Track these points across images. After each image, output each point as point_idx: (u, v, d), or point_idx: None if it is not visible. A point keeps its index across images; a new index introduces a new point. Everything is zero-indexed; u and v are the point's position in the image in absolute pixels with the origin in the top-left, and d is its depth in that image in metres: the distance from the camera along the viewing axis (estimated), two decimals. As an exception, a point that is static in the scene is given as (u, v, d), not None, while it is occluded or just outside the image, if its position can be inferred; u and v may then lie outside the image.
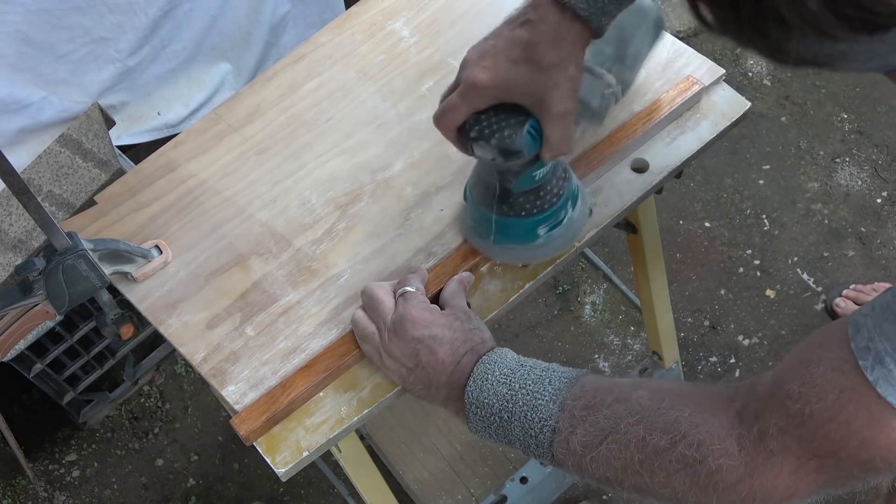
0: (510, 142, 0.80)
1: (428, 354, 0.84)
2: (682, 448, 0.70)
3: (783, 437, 0.66)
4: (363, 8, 1.19)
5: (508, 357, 0.83)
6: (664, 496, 0.73)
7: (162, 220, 1.04)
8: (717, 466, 0.69)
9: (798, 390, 0.66)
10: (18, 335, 1.67)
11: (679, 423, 0.71)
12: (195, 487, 1.96)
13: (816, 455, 0.66)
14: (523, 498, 1.52)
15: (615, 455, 0.73)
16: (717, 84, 1.07)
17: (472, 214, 0.93)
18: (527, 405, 0.78)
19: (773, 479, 0.67)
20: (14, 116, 1.63)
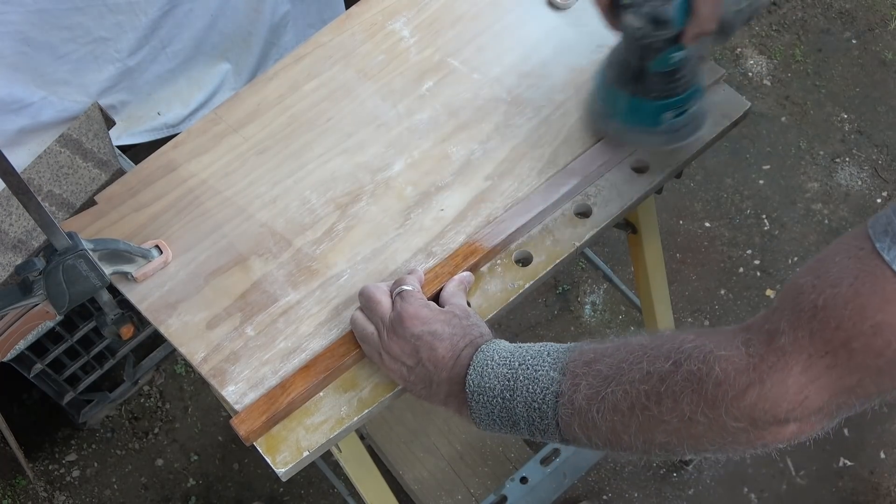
0: (662, 10, 0.83)
1: (428, 351, 0.83)
2: (687, 366, 0.67)
3: (794, 333, 0.63)
4: (363, 8, 1.19)
5: (504, 344, 0.83)
6: (673, 427, 0.69)
7: (162, 220, 1.04)
8: (724, 375, 0.65)
9: (812, 283, 0.62)
10: (18, 335, 1.67)
11: (682, 345, 0.69)
12: (195, 487, 1.96)
13: (829, 349, 0.62)
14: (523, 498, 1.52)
15: (621, 397, 0.71)
16: (717, 84, 1.07)
17: (603, 94, 0.97)
18: (528, 378, 0.77)
19: (783, 381, 0.63)
20: (14, 116, 1.63)
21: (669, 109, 0.93)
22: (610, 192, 1.01)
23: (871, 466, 1.88)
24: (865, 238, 0.61)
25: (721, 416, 0.66)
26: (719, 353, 0.66)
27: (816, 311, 0.62)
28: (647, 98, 0.93)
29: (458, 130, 1.07)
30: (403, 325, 0.85)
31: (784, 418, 0.65)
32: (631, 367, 0.71)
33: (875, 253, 0.60)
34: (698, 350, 0.67)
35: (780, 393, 0.64)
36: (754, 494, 1.87)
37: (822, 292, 0.62)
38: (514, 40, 1.13)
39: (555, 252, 0.98)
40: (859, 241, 0.61)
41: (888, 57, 2.46)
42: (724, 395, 0.65)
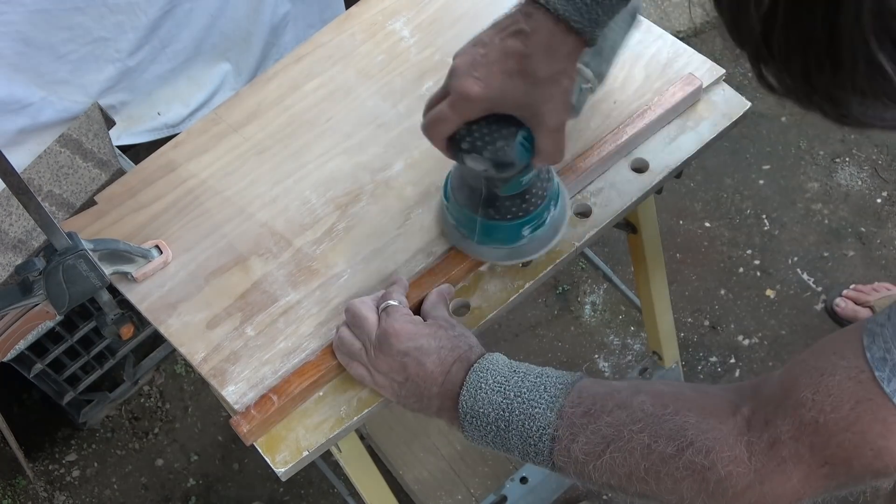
0: (503, 154, 0.79)
1: (416, 367, 0.83)
2: (689, 455, 0.70)
3: (795, 445, 0.66)
4: (363, 8, 1.19)
5: (500, 363, 0.82)
6: (671, 503, 0.72)
7: (162, 220, 1.04)
8: (726, 473, 0.68)
9: (812, 398, 0.65)
10: (18, 335, 1.67)
11: (685, 429, 0.71)
12: (195, 487, 1.96)
13: (828, 462, 0.65)
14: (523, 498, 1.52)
15: (619, 463, 0.73)
16: (718, 84, 1.07)
17: (455, 215, 0.93)
18: (523, 414, 0.77)
19: (782, 485, 0.67)
20: (14, 116, 1.63)
21: (527, 225, 0.90)
22: (610, 192, 1.01)
23: (871, 466, 1.88)
24: (864, 360, 0.63)
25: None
26: (723, 453, 0.69)
27: (817, 428, 0.65)
28: (503, 220, 0.89)
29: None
30: (389, 342, 0.84)
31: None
32: (632, 435, 0.73)
33: (875, 382, 0.62)
34: (700, 440, 0.70)
35: (779, 495, 0.68)
36: (754, 494, 1.87)
37: (822, 411, 0.64)
38: (514, 40, 1.13)
39: (555, 252, 0.98)
40: (858, 362, 0.63)
41: (888, 57, 2.46)
42: (725, 491, 0.69)
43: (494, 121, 0.79)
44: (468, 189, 0.89)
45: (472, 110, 0.79)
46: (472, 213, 0.90)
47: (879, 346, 0.63)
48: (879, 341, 0.63)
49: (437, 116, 0.80)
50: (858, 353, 0.64)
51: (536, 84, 0.77)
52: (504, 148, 0.79)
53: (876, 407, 0.62)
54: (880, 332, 0.63)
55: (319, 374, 0.90)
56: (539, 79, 0.76)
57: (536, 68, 0.76)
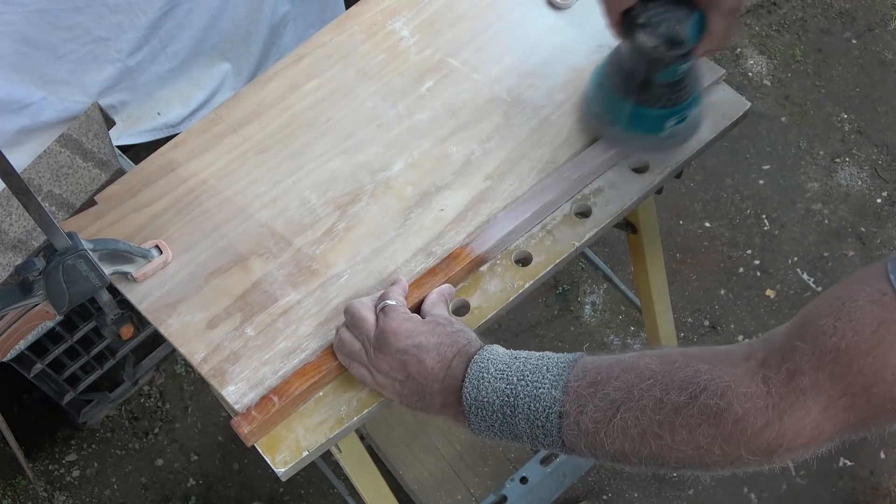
0: (678, 31, 0.83)
1: (416, 364, 0.83)
2: (703, 399, 0.67)
3: (815, 374, 0.63)
4: (363, 8, 1.19)
5: (500, 352, 0.81)
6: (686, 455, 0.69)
7: (162, 220, 1.04)
8: (743, 412, 0.66)
9: (833, 324, 0.63)
10: (18, 335, 1.67)
11: (697, 376, 0.69)
12: (195, 487, 1.96)
13: (849, 391, 0.63)
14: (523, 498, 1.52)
15: (631, 423, 0.70)
16: (717, 84, 1.07)
17: (604, 101, 0.96)
18: (529, 396, 0.76)
19: (801, 420, 0.65)
20: (14, 116, 1.63)
21: (672, 117, 0.93)
22: (610, 192, 1.01)
23: (871, 466, 1.88)
24: (887, 282, 0.61)
25: (738, 450, 0.67)
26: (738, 391, 0.66)
27: (839, 355, 0.63)
28: (653, 107, 0.93)
29: (458, 130, 1.07)
30: (388, 340, 0.84)
31: (800, 448, 0.66)
32: (642, 393, 0.71)
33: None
34: (714, 383, 0.68)
35: (798, 430, 0.65)
36: (754, 494, 1.87)
37: (843, 336, 0.62)
38: (514, 40, 1.13)
39: (555, 252, 0.98)
40: (881, 285, 0.62)
41: (888, 57, 2.46)
42: (743, 431, 0.66)
43: (672, 1, 0.83)
44: (624, 74, 0.92)
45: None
46: (624, 99, 0.93)
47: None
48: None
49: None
50: (882, 277, 0.61)
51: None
52: (679, 25, 0.83)
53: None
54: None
55: (320, 374, 0.90)
56: None
57: None
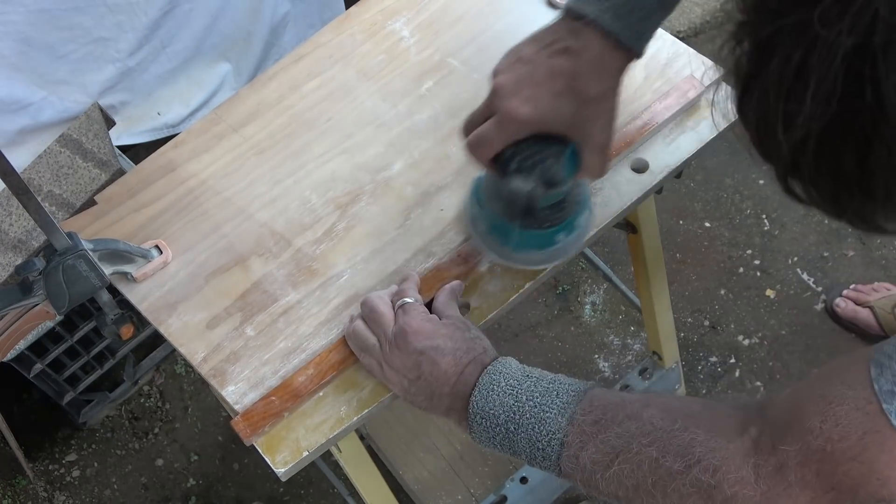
0: (552, 173, 0.79)
1: (430, 365, 0.83)
2: (696, 472, 0.70)
3: (802, 470, 0.66)
4: (363, 8, 1.19)
5: (513, 367, 0.82)
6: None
7: (162, 220, 1.04)
8: (732, 494, 0.68)
9: (819, 426, 0.65)
10: (18, 335, 1.67)
11: (693, 446, 0.71)
12: (195, 487, 1.96)
13: (835, 489, 0.66)
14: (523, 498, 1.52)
15: (627, 474, 0.73)
16: (717, 84, 1.07)
17: (489, 222, 0.92)
18: (534, 417, 0.77)
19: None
20: (14, 116, 1.63)
21: (562, 232, 0.90)
22: (610, 192, 1.01)
23: (871, 466, 1.88)
24: (871, 390, 0.63)
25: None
26: (730, 472, 0.69)
27: (825, 456, 0.65)
28: (540, 228, 0.89)
29: (459, 130, 1.06)
30: (407, 339, 0.84)
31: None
32: (641, 448, 0.73)
33: (882, 414, 0.62)
34: (708, 458, 0.70)
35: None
36: (754, 494, 1.87)
37: (830, 440, 0.65)
38: (514, 40, 1.13)
39: (555, 252, 0.98)
40: (866, 392, 0.63)
41: (888, 57, 2.46)
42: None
43: (541, 139, 0.79)
44: (504, 202, 0.88)
45: (520, 131, 0.78)
46: (509, 223, 0.89)
47: (887, 379, 0.63)
48: (888, 374, 0.63)
49: (483, 137, 0.80)
50: (866, 383, 0.64)
51: (586, 103, 0.76)
52: (553, 167, 0.79)
53: (883, 439, 0.63)
54: (888, 363, 0.63)
55: (320, 374, 0.90)
56: (589, 97, 0.76)
57: (587, 87, 0.75)
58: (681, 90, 1.04)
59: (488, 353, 0.84)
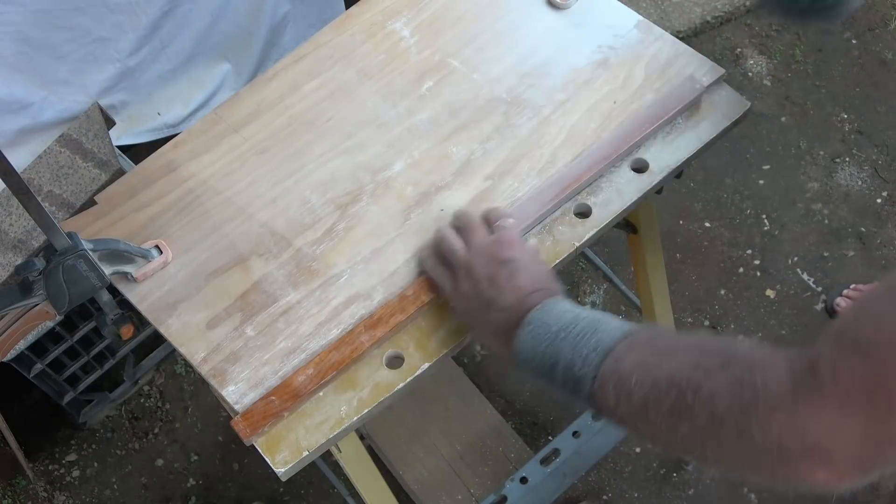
0: None
1: (509, 276, 0.86)
2: (733, 368, 0.68)
3: (835, 365, 0.62)
4: (363, 8, 1.19)
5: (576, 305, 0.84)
6: (701, 422, 0.69)
7: (162, 220, 1.04)
8: (762, 384, 0.65)
9: (855, 318, 0.63)
10: (18, 335, 1.67)
11: (736, 348, 0.70)
12: (195, 487, 1.96)
13: (867, 387, 0.61)
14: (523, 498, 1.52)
15: (663, 376, 0.71)
16: (717, 84, 1.07)
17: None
18: (589, 328, 0.78)
19: (816, 409, 0.63)
20: (14, 116, 1.63)
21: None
22: (610, 192, 1.01)
23: (871, 466, 1.88)
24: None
25: (749, 427, 0.65)
26: (763, 364, 0.66)
27: (858, 347, 0.62)
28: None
29: (458, 130, 1.07)
30: (501, 246, 0.88)
31: (812, 451, 0.63)
32: (685, 353, 0.72)
33: None
34: (747, 358, 0.68)
35: (811, 420, 0.63)
36: (754, 494, 1.87)
37: (864, 328, 0.62)
38: (514, 40, 1.13)
39: (555, 252, 0.98)
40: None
41: (888, 57, 2.46)
42: (758, 405, 0.65)
43: None
44: None
45: None
46: None
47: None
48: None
49: None
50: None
51: None
52: None
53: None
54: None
55: (321, 374, 0.90)
56: None
57: None
58: (681, 90, 1.04)
59: (558, 288, 0.87)
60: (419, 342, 0.93)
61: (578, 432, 1.55)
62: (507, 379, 2.03)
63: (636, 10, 1.14)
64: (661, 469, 1.91)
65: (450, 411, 1.78)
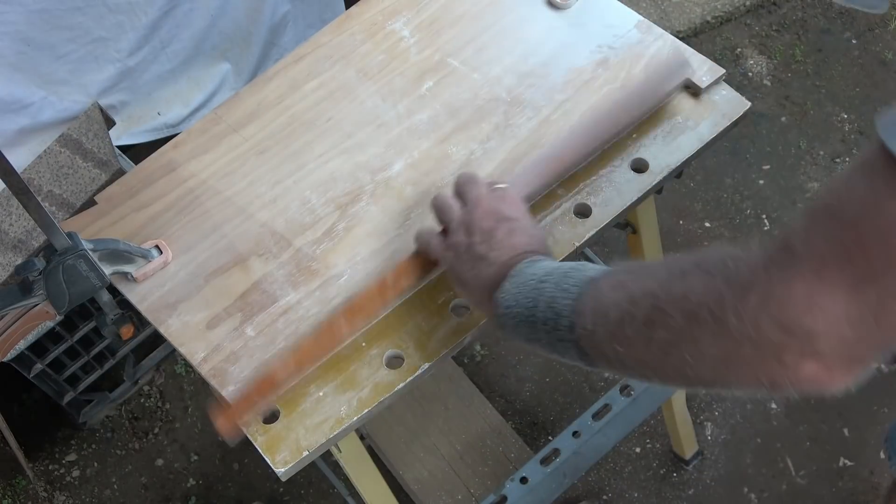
0: None
1: (505, 234, 0.85)
2: (706, 265, 0.64)
3: (807, 234, 0.58)
4: (363, 8, 1.19)
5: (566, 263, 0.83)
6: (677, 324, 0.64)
7: (162, 220, 1.04)
8: (735, 268, 0.61)
9: (828, 188, 0.59)
10: (18, 335, 1.67)
11: (710, 251, 0.66)
12: (195, 487, 1.96)
13: (842, 249, 0.56)
14: (523, 498, 1.52)
15: (638, 289, 0.68)
16: (717, 84, 1.07)
17: None
18: (572, 270, 0.77)
19: (791, 282, 0.57)
20: (14, 116, 1.63)
21: None
22: (610, 192, 1.01)
23: (871, 466, 1.88)
24: (878, 144, 0.55)
25: (725, 316, 0.60)
26: (735, 255, 0.63)
27: (831, 212, 0.58)
28: None
29: (458, 130, 1.07)
30: (501, 205, 0.87)
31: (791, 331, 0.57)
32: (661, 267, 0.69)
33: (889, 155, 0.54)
34: (721, 253, 0.64)
35: (787, 295, 0.58)
36: (754, 494, 1.87)
37: (835, 195, 0.58)
38: (514, 40, 1.13)
39: (554, 252, 0.98)
40: (872, 146, 0.56)
41: (888, 57, 2.46)
42: (730, 287, 0.61)
43: None
44: None
45: None
46: None
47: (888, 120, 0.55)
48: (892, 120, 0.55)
49: None
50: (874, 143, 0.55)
51: None
52: None
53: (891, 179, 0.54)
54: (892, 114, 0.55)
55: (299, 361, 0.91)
56: None
57: None
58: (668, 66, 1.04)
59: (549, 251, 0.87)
60: (419, 342, 0.93)
61: (578, 432, 1.54)
62: (507, 379, 2.03)
63: (636, 10, 1.14)
64: (661, 469, 1.91)
65: (450, 411, 1.78)
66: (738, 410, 1.96)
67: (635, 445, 1.94)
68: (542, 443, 1.93)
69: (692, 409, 1.95)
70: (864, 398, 1.95)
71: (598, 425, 1.55)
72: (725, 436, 1.93)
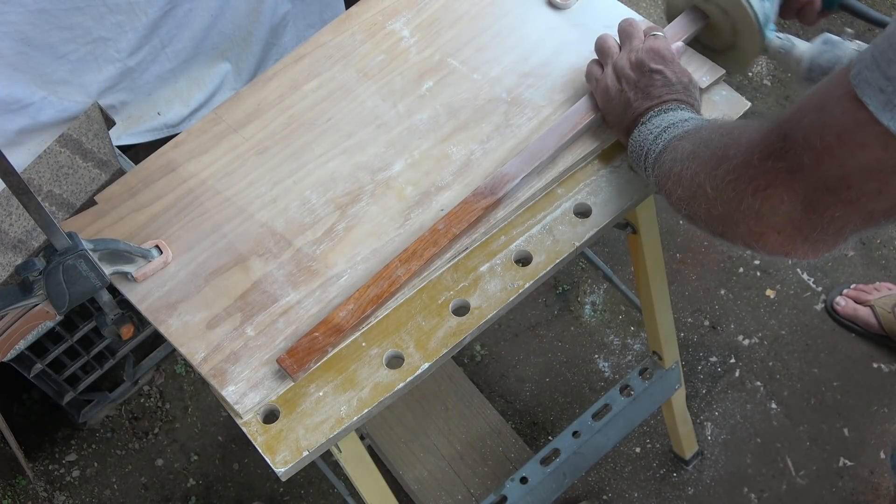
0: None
1: (654, 85, 0.95)
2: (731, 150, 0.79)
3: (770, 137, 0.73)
4: (363, 8, 1.19)
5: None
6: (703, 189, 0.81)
7: (162, 220, 1.04)
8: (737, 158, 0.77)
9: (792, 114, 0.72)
10: (18, 335, 1.67)
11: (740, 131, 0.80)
12: (195, 487, 1.96)
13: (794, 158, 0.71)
14: (523, 498, 1.52)
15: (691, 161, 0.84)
16: (717, 84, 1.07)
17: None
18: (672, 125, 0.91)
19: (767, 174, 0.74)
20: (14, 116, 1.63)
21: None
22: (610, 192, 1.01)
23: (871, 466, 1.88)
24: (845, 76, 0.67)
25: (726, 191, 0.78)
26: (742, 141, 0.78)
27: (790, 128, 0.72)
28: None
29: (458, 130, 1.07)
30: (656, 56, 0.97)
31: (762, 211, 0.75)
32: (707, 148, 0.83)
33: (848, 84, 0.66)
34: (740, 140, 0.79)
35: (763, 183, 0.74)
36: (754, 494, 1.87)
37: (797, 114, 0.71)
38: (514, 40, 1.13)
39: (555, 252, 0.98)
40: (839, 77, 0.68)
41: (888, 57, 2.45)
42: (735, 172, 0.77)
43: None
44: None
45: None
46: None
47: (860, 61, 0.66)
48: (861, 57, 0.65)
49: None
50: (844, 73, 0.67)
51: None
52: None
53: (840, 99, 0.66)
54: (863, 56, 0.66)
55: (361, 310, 0.93)
56: None
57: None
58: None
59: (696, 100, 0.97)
60: (419, 342, 0.93)
61: (578, 432, 1.55)
62: (507, 379, 2.03)
63: (636, 10, 1.14)
64: (661, 469, 1.91)
65: (450, 411, 1.78)
66: (738, 410, 1.96)
67: (635, 445, 1.94)
68: (542, 443, 1.93)
69: (692, 409, 1.95)
70: (864, 398, 1.95)
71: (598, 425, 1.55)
72: (725, 436, 1.93)
